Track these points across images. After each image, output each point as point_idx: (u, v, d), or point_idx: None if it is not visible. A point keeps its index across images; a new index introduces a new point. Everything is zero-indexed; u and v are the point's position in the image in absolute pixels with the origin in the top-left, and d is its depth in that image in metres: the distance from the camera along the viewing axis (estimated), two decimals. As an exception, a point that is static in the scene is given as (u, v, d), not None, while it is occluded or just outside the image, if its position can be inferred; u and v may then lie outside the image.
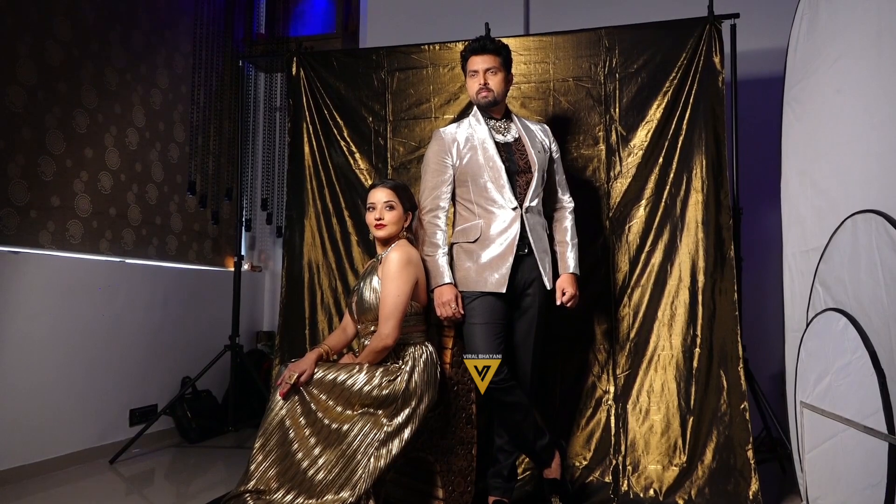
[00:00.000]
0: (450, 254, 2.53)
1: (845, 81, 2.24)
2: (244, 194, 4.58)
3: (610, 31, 3.07)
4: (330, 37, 4.75)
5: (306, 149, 3.35)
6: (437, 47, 3.24)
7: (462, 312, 2.46)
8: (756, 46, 3.48)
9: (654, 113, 2.99)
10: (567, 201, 2.73)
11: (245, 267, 4.52)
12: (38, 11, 3.21)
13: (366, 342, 2.42)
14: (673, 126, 2.97)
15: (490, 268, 2.46)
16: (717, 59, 2.91)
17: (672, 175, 2.96)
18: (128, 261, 3.71)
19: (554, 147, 2.70)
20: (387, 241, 2.47)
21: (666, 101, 2.98)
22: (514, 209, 2.48)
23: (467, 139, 2.56)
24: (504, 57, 2.58)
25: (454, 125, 2.65)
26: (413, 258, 2.40)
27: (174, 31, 4.13)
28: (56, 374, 3.23)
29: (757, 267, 3.34)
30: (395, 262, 2.35)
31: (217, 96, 4.46)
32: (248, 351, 4.44)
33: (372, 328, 2.40)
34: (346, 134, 3.32)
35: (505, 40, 2.92)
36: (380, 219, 2.42)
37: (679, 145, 2.96)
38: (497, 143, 2.55)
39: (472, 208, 2.53)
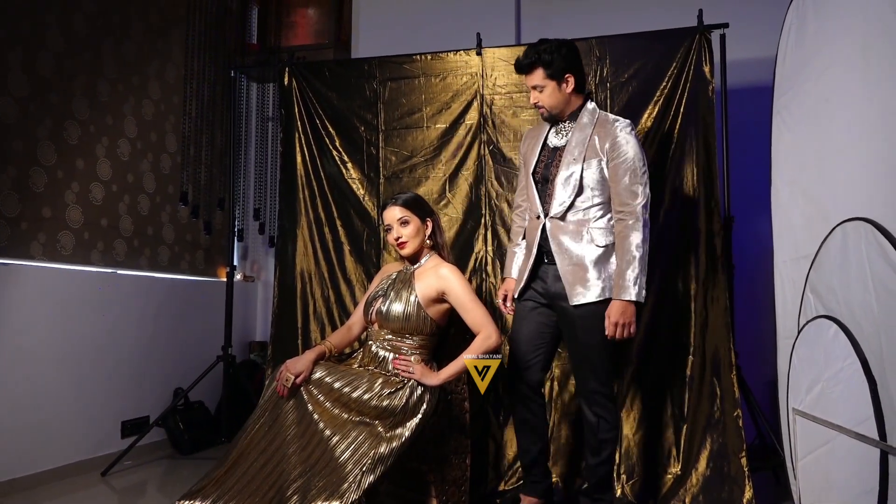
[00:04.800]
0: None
1: (834, 90, 2.25)
2: (236, 204, 4.57)
3: (601, 40, 3.09)
4: (322, 47, 4.75)
5: (298, 158, 3.35)
6: (429, 57, 3.25)
7: (506, 308, 2.61)
8: (745, 56, 3.51)
9: (645, 122, 3.01)
10: (626, 213, 2.33)
11: (237, 277, 4.50)
12: (31, 23, 3.21)
13: (373, 346, 2.43)
14: (664, 135, 2.99)
15: (521, 271, 2.55)
16: (706, 69, 2.93)
17: (663, 183, 2.98)
18: (119, 272, 3.69)
19: (618, 151, 2.36)
20: (414, 256, 2.49)
21: (657, 110, 3.00)
22: (538, 217, 2.47)
23: (531, 140, 2.59)
24: (546, 65, 2.37)
25: (540, 124, 2.64)
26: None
27: (166, 41, 4.13)
28: (47, 386, 3.20)
29: (748, 274, 3.35)
30: (456, 277, 2.41)
31: (209, 106, 4.45)
32: (240, 361, 4.41)
33: (389, 336, 2.41)
34: (338, 143, 3.32)
35: (496, 50, 2.95)
36: (399, 237, 2.45)
37: (670, 154, 2.98)
38: (547, 147, 2.52)
39: (527, 209, 2.60)
